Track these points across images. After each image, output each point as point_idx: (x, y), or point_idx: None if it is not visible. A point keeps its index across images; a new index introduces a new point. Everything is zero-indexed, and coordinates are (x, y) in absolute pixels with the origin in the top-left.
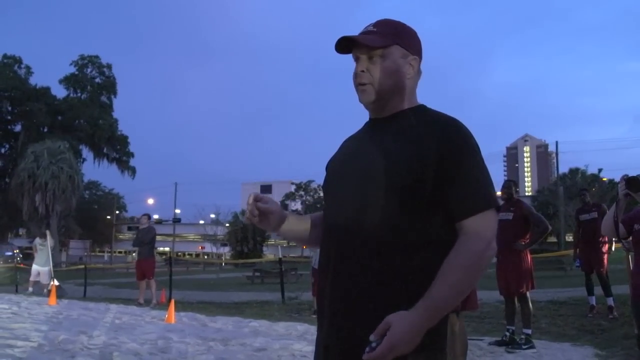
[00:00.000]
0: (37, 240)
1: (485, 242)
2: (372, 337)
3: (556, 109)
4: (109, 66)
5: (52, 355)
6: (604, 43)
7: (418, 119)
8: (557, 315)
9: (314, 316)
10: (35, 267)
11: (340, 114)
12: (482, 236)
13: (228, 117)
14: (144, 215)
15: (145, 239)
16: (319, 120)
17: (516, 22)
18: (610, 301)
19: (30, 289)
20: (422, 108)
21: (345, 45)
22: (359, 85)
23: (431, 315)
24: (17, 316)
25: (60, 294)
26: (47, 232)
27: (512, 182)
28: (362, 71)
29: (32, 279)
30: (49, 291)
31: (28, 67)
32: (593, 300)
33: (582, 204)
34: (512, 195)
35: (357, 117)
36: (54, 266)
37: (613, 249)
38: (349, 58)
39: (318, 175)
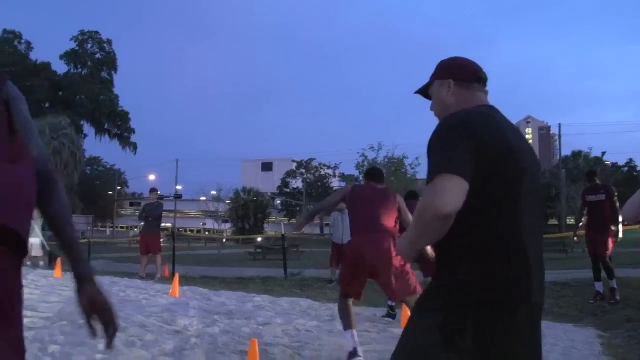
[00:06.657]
0: None
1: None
2: None
3: (559, 91)
4: (109, 42)
5: (61, 327)
6: (609, 25)
7: None
8: (559, 297)
9: (329, 285)
10: None
11: (339, 92)
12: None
13: (229, 94)
14: (152, 190)
15: (155, 214)
16: (319, 98)
17: (520, 4)
18: (613, 283)
19: (28, 262)
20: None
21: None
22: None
23: (405, 239)
24: (24, 288)
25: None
26: None
27: None
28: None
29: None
30: (53, 263)
31: (28, 43)
32: (600, 287)
33: (590, 184)
34: None
35: (356, 95)
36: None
37: (620, 235)
38: (346, 40)
39: (319, 153)
